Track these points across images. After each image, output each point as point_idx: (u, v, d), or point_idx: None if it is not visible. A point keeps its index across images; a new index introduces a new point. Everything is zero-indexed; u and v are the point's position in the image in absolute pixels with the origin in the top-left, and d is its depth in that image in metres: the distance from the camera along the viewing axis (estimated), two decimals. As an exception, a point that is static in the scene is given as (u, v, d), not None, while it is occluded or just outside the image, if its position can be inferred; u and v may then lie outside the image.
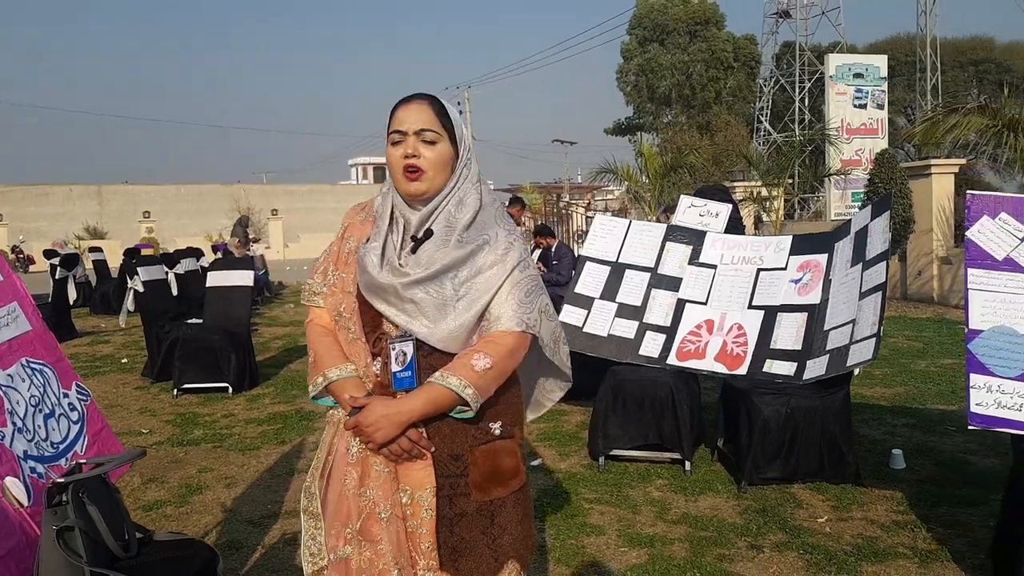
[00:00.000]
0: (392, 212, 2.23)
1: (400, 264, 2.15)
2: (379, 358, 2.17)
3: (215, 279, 8.81)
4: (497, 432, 2.16)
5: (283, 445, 6.27)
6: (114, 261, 18.84)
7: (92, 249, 18.79)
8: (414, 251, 2.16)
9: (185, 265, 12.57)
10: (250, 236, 20.55)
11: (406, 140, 2.15)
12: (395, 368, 2.12)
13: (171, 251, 17.23)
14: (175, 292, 11.18)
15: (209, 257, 16.72)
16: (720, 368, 5.61)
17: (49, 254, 15.95)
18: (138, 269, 8.92)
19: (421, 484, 2.10)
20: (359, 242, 2.25)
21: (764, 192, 18.69)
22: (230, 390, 8.07)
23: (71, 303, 13.41)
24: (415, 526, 2.10)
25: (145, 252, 16.80)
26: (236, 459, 5.94)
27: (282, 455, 6.01)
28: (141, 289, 8.80)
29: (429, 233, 2.16)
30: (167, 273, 10.66)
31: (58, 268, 13.12)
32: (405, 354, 2.11)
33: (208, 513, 4.87)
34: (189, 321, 8.99)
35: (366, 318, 2.20)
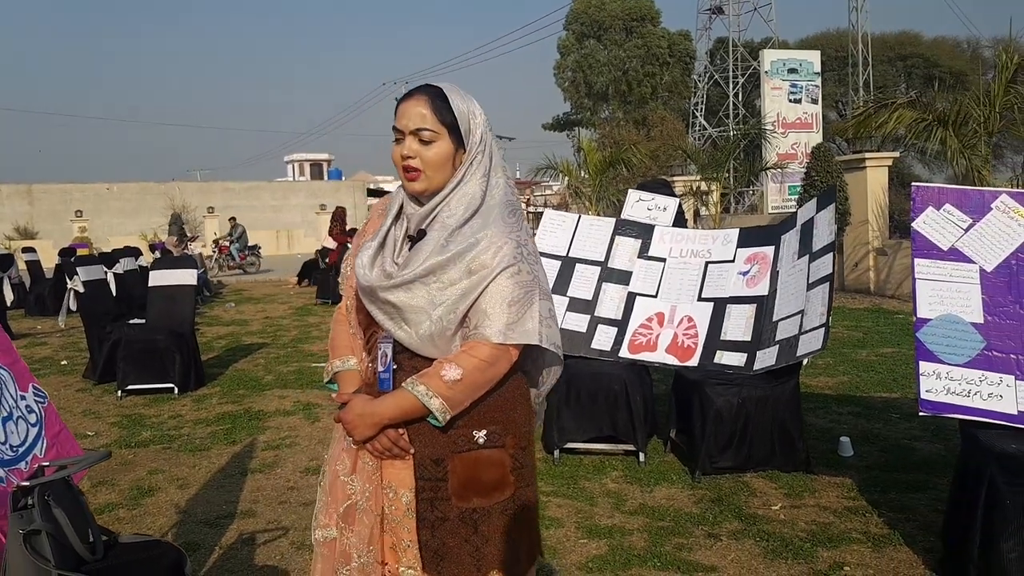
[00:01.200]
0: (400, 208, 2.21)
1: (395, 262, 2.14)
2: (370, 355, 2.20)
3: (158, 278, 8.63)
4: (481, 441, 2.11)
5: (234, 445, 6.19)
6: (48, 262, 18.37)
7: (26, 250, 18.26)
8: (411, 249, 2.15)
9: (124, 265, 12.31)
10: (188, 235, 20.19)
11: (404, 139, 2.12)
12: (379, 368, 2.13)
13: (107, 251, 16.88)
14: (114, 292, 10.94)
15: (147, 256, 16.42)
16: (672, 360, 5.67)
17: (-19, 255, 15.50)
18: (77, 269, 8.71)
19: (403, 483, 2.11)
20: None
21: (703, 186, 18.94)
22: (176, 391, 7.92)
23: (6, 305, 13.06)
24: (396, 522, 2.10)
25: (81, 252, 16.41)
26: (187, 460, 5.84)
27: (233, 455, 5.93)
28: (81, 289, 8.60)
29: (423, 233, 2.14)
30: (106, 273, 10.42)
31: (-8, 269, 12.78)
32: (387, 355, 2.12)
33: (162, 515, 4.78)
34: (131, 321, 8.81)
35: (360, 315, 2.22)
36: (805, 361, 5.58)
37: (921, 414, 3.92)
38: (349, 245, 12.12)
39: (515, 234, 2.13)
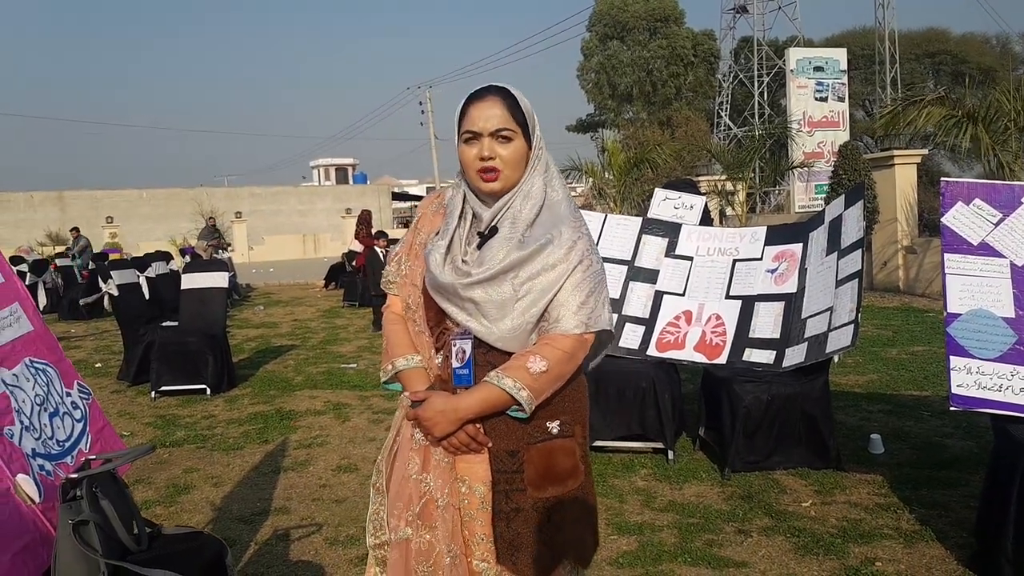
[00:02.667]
0: (463, 207, 2.24)
1: (464, 260, 2.16)
2: (441, 352, 2.21)
3: (190, 281, 8.75)
4: (555, 431, 2.15)
5: (266, 444, 6.27)
6: (80, 267, 18.61)
7: (59, 255, 18.53)
8: (480, 247, 2.18)
9: (156, 268, 12.48)
10: (222, 241, 20.28)
11: (480, 140, 2.15)
12: (455, 364, 2.15)
13: (138, 255, 17.10)
14: (147, 295, 11.09)
15: (178, 261, 16.63)
16: (700, 358, 5.68)
17: (16, 260, 15.79)
18: (111, 273, 8.86)
19: (478, 477, 2.13)
20: (429, 234, 2.28)
21: (729, 186, 18.86)
22: (208, 391, 8.04)
23: (41, 309, 13.27)
24: (471, 516, 2.13)
25: (113, 257, 16.62)
26: (220, 459, 5.93)
27: (266, 454, 6.01)
28: (115, 292, 8.74)
29: (495, 230, 2.18)
30: (139, 276, 10.58)
31: (28, 274, 13.01)
32: (464, 351, 2.14)
33: (198, 512, 4.87)
34: (164, 324, 8.94)
35: (430, 313, 2.23)
36: (835, 359, 5.56)
37: (952, 409, 3.91)
38: (376, 248, 12.12)
39: (583, 229, 2.21)
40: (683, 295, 5.99)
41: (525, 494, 2.13)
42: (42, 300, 13.85)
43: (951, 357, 3.93)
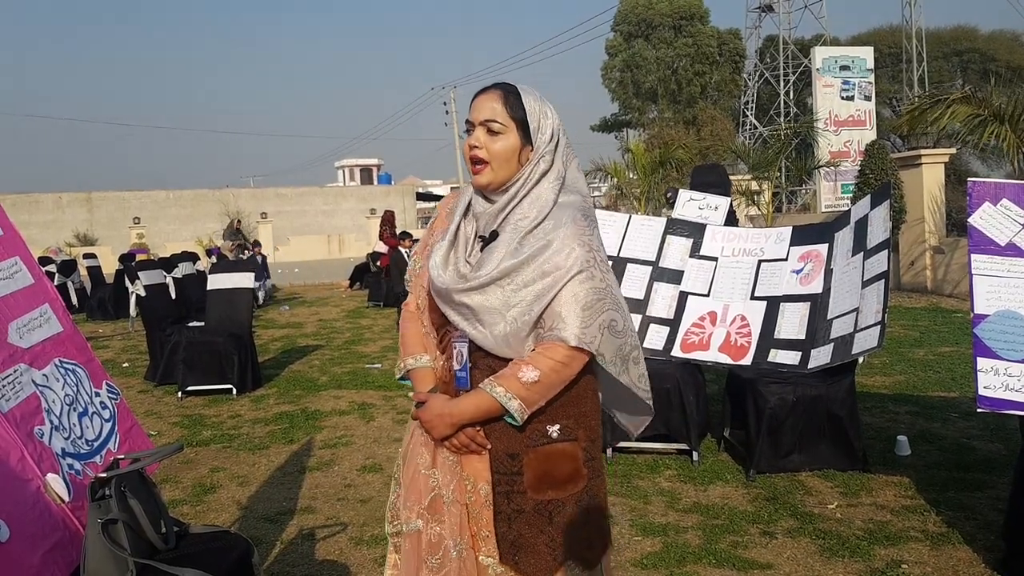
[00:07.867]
0: (469, 206, 2.26)
1: (467, 261, 2.17)
2: (444, 354, 2.24)
3: (216, 282, 8.83)
4: (554, 435, 2.14)
5: (292, 444, 6.31)
6: (108, 267, 18.79)
7: (87, 255, 18.73)
8: (483, 249, 2.18)
9: (183, 269, 12.58)
10: (247, 241, 20.38)
11: (474, 130, 2.17)
12: (454, 366, 2.18)
13: (165, 256, 17.26)
14: (173, 295, 11.19)
15: (204, 261, 16.76)
16: (725, 359, 5.66)
17: (44, 261, 15.96)
18: (139, 273, 8.96)
19: (481, 476, 2.15)
20: (441, 235, 2.29)
21: (754, 186, 18.78)
22: (234, 391, 8.10)
23: (72, 310, 13.43)
24: (477, 513, 2.15)
25: (140, 257, 16.78)
26: (246, 458, 5.97)
27: (291, 454, 6.05)
28: (143, 293, 8.83)
29: (495, 234, 2.17)
30: (166, 277, 10.68)
31: (56, 274, 13.15)
32: (462, 354, 2.16)
33: (224, 511, 4.91)
34: (190, 324, 9.01)
35: (434, 315, 2.25)
36: (861, 360, 5.53)
37: (979, 411, 3.87)
38: (401, 249, 12.17)
39: (586, 238, 2.14)
40: (708, 296, 5.97)
41: (526, 496, 2.13)
42: (73, 301, 13.98)
43: (978, 359, 3.89)
